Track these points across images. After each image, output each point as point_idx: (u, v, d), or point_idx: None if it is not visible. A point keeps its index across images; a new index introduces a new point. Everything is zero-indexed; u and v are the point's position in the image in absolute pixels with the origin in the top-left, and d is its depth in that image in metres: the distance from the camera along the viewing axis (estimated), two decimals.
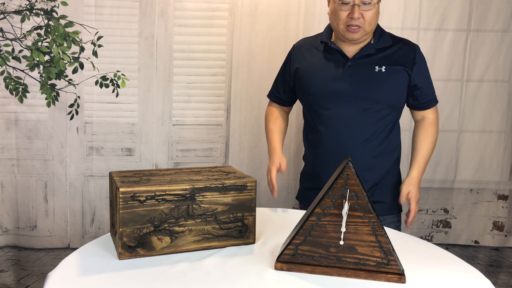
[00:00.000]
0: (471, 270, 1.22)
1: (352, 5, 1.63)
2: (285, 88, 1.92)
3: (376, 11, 1.68)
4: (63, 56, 2.59)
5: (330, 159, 1.75)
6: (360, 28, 1.66)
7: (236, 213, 1.31)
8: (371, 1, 1.63)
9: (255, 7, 2.68)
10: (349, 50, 1.74)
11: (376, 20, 1.71)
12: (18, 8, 2.54)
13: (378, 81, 1.70)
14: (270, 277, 1.13)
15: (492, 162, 2.90)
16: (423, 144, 1.82)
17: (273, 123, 1.94)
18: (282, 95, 1.94)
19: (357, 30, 1.66)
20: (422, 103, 1.81)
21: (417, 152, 1.82)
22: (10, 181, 2.71)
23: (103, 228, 2.80)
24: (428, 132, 1.82)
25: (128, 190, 1.19)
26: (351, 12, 1.64)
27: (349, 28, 1.66)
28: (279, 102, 1.97)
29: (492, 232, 2.97)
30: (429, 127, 1.82)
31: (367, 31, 1.68)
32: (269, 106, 2.01)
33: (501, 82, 2.84)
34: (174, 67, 2.72)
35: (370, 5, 1.64)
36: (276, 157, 1.83)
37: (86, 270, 1.14)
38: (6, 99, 2.63)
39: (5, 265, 2.65)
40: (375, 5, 1.66)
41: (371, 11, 1.65)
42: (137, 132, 2.75)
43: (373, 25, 1.69)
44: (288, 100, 1.95)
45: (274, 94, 1.98)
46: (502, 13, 2.77)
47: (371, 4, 1.64)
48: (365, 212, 1.13)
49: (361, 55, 1.72)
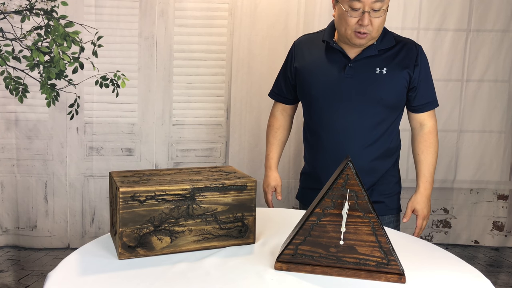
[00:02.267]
0: (471, 270, 1.22)
1: (362, 11, 1.60)
2: (287, 85, 1.89)
3: (384, 18, 1.65)
4: (63, 56, 2.59)
5: (329, 160, 1.75)
6: (367, 35, 1.64)
7: (236, 213, 1.31)
8: (380, 8, 1.60)
9: (255, 7, 2.68)
10: (351, 51, 1.73)
11: (383, 26, 1.69)
12: (18, 8, 2.54)
13: (378, 83, 1.69)
14: (270, 277, 1.13)
15: (492, 162, 2.90)
16: (425, 156, 1.78)
17: (272, 135, 1.96)
18: (284, 93, 1.91)
19: (365, 36, 1.64)
20: (420, 105, 1.77)
21: (421, 166, 1.78)
22: (10, 181, 2.72)
23: (103, 228, 2.80)
24: (428, 142, 1.77)
25: (128, 190, 1.19)
26: (361, 19, 1.60)
27: (357, 34, 1.64)
28: (282, 100, 1.94)
29: (492, 232, 2.97)
30: (429, 137, 1.78)
31: (374, 37, 1.67)
32: (273, 110, 1.98)
33: (501, 82, 2.84)
34: (174, 67, 2.72)
35: (380, 12, 1.60)
36: (272, 179, 1.93)
37: (86, 270, 1.14)
38: (6, 99, 2.63)
39: (5, 265, 2.65)
40: (385, 12, 1.63)
41: (380, 18, 1.63)
42: (137, 132, 2.75)
43: (380, 31, 1.67)
44: (291, 98, 1.92)
45: (276, 93, 1.95)
46: (502, 13, 2.77)
47: (380, 11, 1.60)
48: (365, 212, 1.13)
49: (363, 56, 1.71)
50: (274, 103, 1.98)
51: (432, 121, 1.79)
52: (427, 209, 1.78)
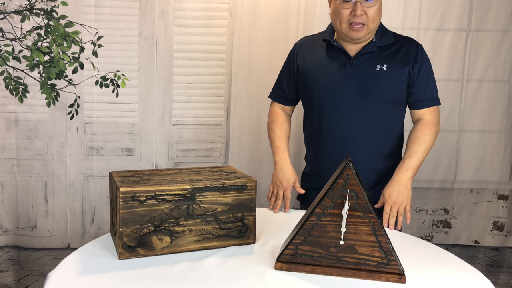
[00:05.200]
0: (471, 270, 1.22)
1: (354, 2, 1.61)
2: (289, 84, 1.88)
3: (378, 8, 1.65)
4: (63, 56, 2.59)
5: (331, 159, 1.74)
6: (363, 26, 1.64)
7: (236, 213, 1.31)
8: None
9: (255, 7, 2.68)
10: (351, 48, 1.73)
11: (379, 17, 1.69)
12: (18, 8, 2.54)
13: (379, 80, 1.69)
14: (270, 277, 1.13)
15: (492, 162, 2.90)
16: (412, 145, 1.71)
17: (279, 129, 1.87)
18: (286, 93, 1.90)
19: (360, 28, 1.64)
20: (417, 101, 1.74)
21: (405, 154, 1.72)
22: (10, 181, 2.71)
23: (103, 228, 2.80)
24: (419, 133, 1.72)
25: (128, 190, 1.19)
26: (353, 9, 1.62)
27: (352, 27, 1.64)
28: (283, 101, 1.92)
29: (492, 232, 2.97)
30: (421, 129, 1.72)
31: (370, 29, 1.67)
32: (273, 108, 1.94)
33: (501, 82, 2.84)
34: (174, 67, 2.72)
35: (372, 1, 1.61)
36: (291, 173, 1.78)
37: (86, 270, 1.14)
38: (6, 99, 2.63)
39: (5, 265, 2.65)
40: (378, 1, 1.63)
41: (374, 8, 1.63)
42: (137, 132, 2.75)
43: (376, 22, 1.68)
44: (293, 98, 1.90)
45: (277, 94, 1.93)
46: (502, 13, 2.77)
47: (373, 0, 1.61)
48: (365, 212, 1.13)
49: (363, 52, 1.71)
50: (273, 104, 1.96)
51: (430, 116, 1.74)
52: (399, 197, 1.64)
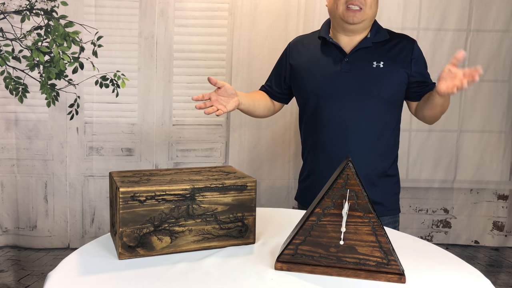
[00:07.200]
0: (471, 270, 1.22)
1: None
2: (277, 81, 1.91)
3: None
4: (63, 56, 2.59)
5: (328, 159, 1.74)
6: (360, 10, 1.65)
7: (236, 213, 1.31)
8: None
9: (255, 7, 2.68)
10: (347, 44, 1.73)
11: (376, 6, 1.70)
12: (18, 8, 2.54)
13: (376, 77, 1.69)
14: (270, 277, 1.13)
15: (492, 162, 2.90)
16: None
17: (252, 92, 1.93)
18: (273, 87, 1.93)
19: (357, 11, 1.65)
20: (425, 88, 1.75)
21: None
22: (10, 181, 2.71)
23: (103, 228, 2.80)
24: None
25: (128, 190, 1.19)
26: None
27: (349, 8, 1.65)
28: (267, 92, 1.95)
29: (492, 232, 2.97)
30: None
31: (367, 14, 1.67)
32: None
33: (501, 82, 2.84)
34: (174, 67, 2.72)
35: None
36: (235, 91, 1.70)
37: (86, 270, 1.14)
38: (6, 99, 2.63)
39: (5, 265, 2.65)
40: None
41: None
42: (137, 132, 2.75)
43: (373, 10, 1.69)
44: (277, 94, 1.93)
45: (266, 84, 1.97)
46: (502, 13, 2.76)
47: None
48: (365, 212, 1.13)
49: (358, 48, 1.71)
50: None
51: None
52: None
